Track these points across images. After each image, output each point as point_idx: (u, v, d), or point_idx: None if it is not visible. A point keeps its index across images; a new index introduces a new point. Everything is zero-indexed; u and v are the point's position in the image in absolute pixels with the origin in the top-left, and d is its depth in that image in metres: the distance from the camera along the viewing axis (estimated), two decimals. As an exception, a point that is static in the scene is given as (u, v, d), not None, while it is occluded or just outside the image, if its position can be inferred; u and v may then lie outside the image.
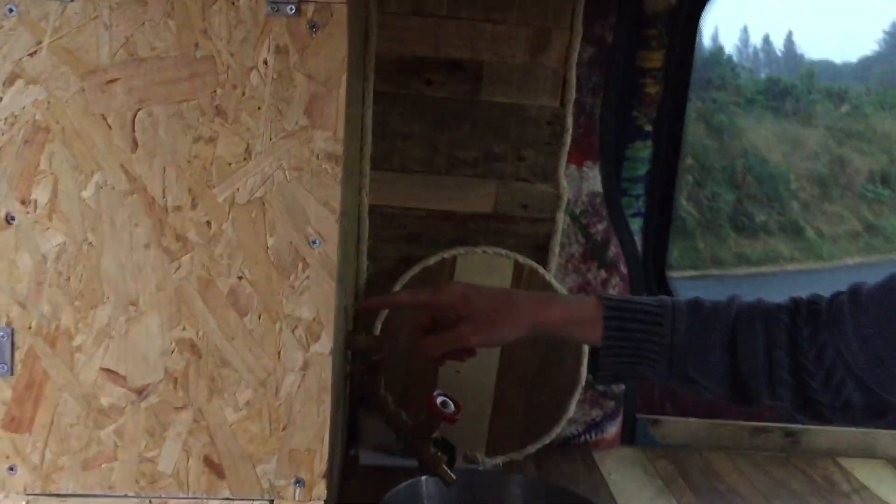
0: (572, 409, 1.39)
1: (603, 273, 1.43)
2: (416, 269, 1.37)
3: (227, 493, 0.90)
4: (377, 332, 1.36)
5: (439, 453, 1.13)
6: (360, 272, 1.38)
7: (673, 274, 1.53)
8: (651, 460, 1.44)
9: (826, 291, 0.92)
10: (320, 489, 0.91)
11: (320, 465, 0.90)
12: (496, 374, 1.36)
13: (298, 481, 0.90)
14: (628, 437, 1.50)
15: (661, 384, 0.97)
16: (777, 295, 0.95)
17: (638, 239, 1.48)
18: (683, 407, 1.50)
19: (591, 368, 1.06)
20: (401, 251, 1.39)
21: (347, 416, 1.31)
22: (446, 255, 1.38)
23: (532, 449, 1.38)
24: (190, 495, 0.89)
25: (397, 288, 1.36)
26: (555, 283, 1.39)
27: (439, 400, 1.09)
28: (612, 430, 1.48)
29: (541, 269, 1.39)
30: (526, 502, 1.26)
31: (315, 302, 0.87)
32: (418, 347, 1.04)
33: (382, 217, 1.38)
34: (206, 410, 0.88)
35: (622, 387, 1.47)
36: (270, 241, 0.86)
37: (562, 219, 1.40)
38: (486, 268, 1.38)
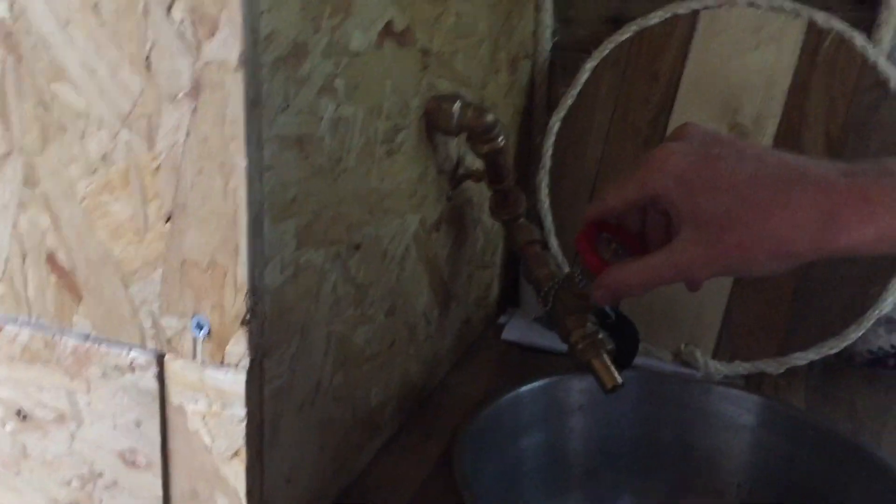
0: (891, 299, 0.76)
1: None
2: (625, 35, 0.81)
3: (87, 328, 0.49)
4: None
5: (600, 337, 0.62)
6: (541, 40, 0.86)
7: None
8: None
9: None
10: (238, 345, 0.46)
11: (236, 296, 0.45)
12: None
13: (200, 325, 0.46)
14: None
15: None
16: None
17: None
18: None
19: None
20: (610, 5, 0.84)
21: (495, 259, 0.83)
22: (681, 9, 0.80)
23: (803, 360, 0.78)
24: (33, 321, 0.50)
25: (589, 68, 0.82)
26: (884, 64, 0.74)
27: (606, 245, 0.56)
28: (977, 351, 0.82)
29: (859, 41, 0.75)
30: (761, 442, 0.70)
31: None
32: (595, 290, 0.53)
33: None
34: (41, 165, 0.47)
35: None
36: None
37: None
38: (749, 34, 0.78)
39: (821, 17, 0.76)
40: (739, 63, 0.78)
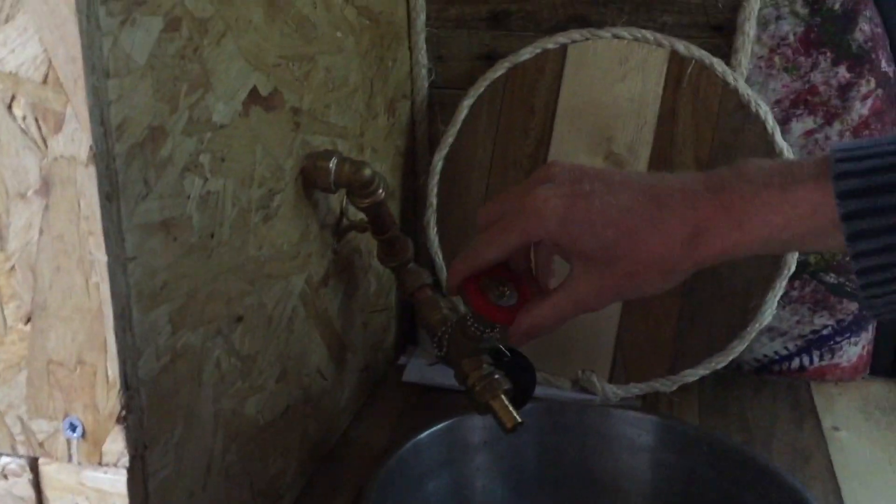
0: (769, 312, 0.79)
1: (843, 73, 0.79)
2: (498, 71, 0.82)
3: (-49, 438, 0.46)
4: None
5: (496, 377, 0.62)
6: (418, 80, 0.86)
7: None
8: (922, 409, 0.81)
9: None
10: (115, 443, 0.44)
11: (108, 393, 0.43)
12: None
13: (73, 426, 0.44)
14: (883, 364, 0.87)
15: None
16: None
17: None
18: None
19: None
20: (481, 43, 0.85)
21: (390, 305, 0.82)
22: (550, 44, 0.81)
23: (693, 376, 0.81)
24: None
25: (466, 105, 0.83)
26: (744, 87, 0.78)
27: (492, 288, 0.56)
28: (853, 351, 0.86)
29: (719, 67, 0.78)
30: (660, 460, 0.71)
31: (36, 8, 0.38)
32: (511, 337, 0.54)
33: (450, -13, 0.84)
34: None
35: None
36: None
37: (761, -31, 0.77)
38: (616, 65, 0.80)
39: (682, 46, 0.79)
40: (610, 93, 0.80)
